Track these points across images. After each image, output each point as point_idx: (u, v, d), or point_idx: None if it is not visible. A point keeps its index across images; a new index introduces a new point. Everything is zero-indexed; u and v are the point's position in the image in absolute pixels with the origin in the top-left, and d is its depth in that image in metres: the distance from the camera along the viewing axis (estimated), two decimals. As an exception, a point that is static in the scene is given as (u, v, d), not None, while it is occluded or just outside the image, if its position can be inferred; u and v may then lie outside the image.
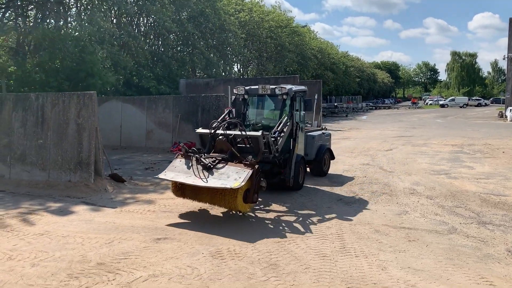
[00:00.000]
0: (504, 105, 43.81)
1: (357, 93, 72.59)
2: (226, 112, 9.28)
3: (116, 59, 23.43)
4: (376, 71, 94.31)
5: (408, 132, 25.05)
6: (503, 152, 15.69)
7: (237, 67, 45.19)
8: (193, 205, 8.28)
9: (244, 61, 43.68)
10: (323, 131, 11.78)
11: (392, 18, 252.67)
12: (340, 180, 10.88)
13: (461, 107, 67.39)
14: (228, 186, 6.88)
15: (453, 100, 72.99)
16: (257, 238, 6.44)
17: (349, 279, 5.03)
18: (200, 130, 8.68)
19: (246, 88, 9.70)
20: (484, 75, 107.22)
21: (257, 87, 9.55)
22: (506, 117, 36.82)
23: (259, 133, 8.01)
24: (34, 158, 10.25)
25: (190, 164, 7.54)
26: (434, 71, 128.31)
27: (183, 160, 7.75)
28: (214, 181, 7.09)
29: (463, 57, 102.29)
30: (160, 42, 30.75)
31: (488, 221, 7.33)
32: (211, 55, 33.79)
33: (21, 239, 6.43)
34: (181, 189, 7.91)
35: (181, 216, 7.74)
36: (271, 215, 7.77)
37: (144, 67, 27.06)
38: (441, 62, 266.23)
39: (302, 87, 10.16)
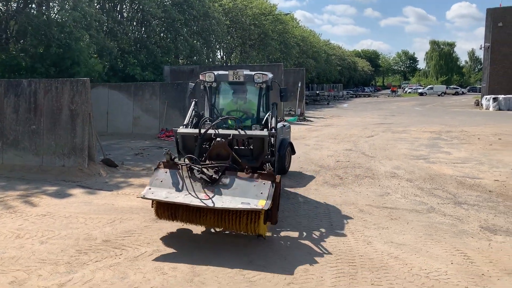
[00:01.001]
0: (480, 93, 45.12)
1: (338, 81, 73.43)
2: (192, 104, 7.67)
3: (102, 45, 23.35)
4: (357, 60, 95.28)
5: (388, 120, 25.77)
6: (478, 138, 16.46)
7: (221, 54, 45.25)
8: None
9: (227, 48, 43.76)
10: (283, 123, 10.24)
11: (372, 6, 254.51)
12: (326, 164, 11.39)
13: (439, 95, 68.90)
14: (252, 206, 5.27)
15: (431, 88, 74.54)
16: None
17: (337, 252, 5.51)
18: (182, 129, 6.98)
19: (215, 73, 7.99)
20: (461, 64, 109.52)
21: (226, 72, 7.92)
22: (481, 105, 38.02)
23: (265, 132, 6.78)
24: (27, 143, 10.42)
25: (182, 176, 5.78)
26: (413, 59, 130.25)
27: (169, 171, 5.88)
28: (229, 199, 5.43)
29: (442, 46, 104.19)
30: (144, 29, 30.63)
31: (463, 201, 7.91)
32: (195, 42, 33.81)
33: (25, 220, 6.72)
34: (170, 209, 5.85)
35: (176, 198, 8.09)
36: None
37: (129, 54, 27.01)
38: (420, 51, 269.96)
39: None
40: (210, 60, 37.28)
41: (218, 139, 6.31)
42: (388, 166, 11.11)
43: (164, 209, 5.89)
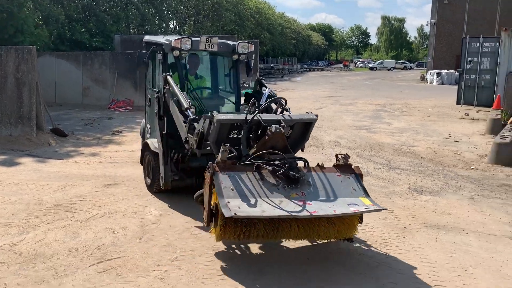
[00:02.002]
0: (426, 68, 47.18)
1: (293, 55, 73.97)
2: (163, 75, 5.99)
3: (47, 12, 22.39)
4: (311, 33, 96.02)
5: (338, 93, 26.63)
6: (418, 110, 17.52)
7: (173, 24, 44.35)
8: (137, 156, 8.78)
9: (180, 19, 42.94)
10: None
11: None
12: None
13: (388, 70, 71.15)
14: (363, 208, 4.40)
15: (381, 63, 76.74)
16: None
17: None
18: (222, 116, 5.00)
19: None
20: (411, 40, 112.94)
21: (198, 39, 6.29)
22: (426, 80, 39.86)
23: (313, 115, 5.32)
24: (-30, 112, 10.14)
25: (251, 179, 4.38)
26: (365, 34, 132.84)
27: (232, 173, 4.34)
28: (329, 203, 4.36)
29: (392, 22, 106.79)
30: (92, -5, 29.55)
31: (397, 167, 8.64)
32: (147, 10, 33.00)
33: (-28, 187, 6.73)
34: (245, 225, 4.24)
35: (127, 166, 8.30)
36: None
37: (77, 22, 26.05)
38: (372, 26, 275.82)
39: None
40: (163, 30, 36.56)
41: (275, 126, 4.68)
42: (333, 136, 11.75)
43: (237, 226, 4.21)
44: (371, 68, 73.82)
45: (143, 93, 16.81)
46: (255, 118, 4.83)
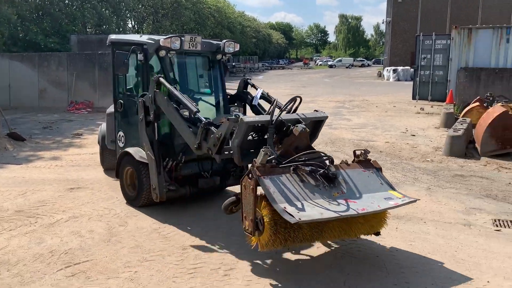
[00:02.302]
0: (382, 65, 48.57)
1: (254, 54, 74.23)
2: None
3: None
4: (271, 32, 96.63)
5: (299, 91, 26.99)
6: (376, 106, 18.09)
7: (132, 24, 43.55)
8: (98, 159, 8.62)
9: (139, 18, 42.21)
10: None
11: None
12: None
13: (347, 67, 72.70)
14: (398, 200, 4.45)
15: (340, 61, 78.32)
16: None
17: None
18: (249, 117, 4.86)
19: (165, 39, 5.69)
20: (367, 38, 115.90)
21: (182, 38, 5.85)
22: (383, 76, 41.08)
23: (324, 114, 5.36)
24: None
25: (293, 181, 4.20)
26: (324, 33, 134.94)
27: (274, 177, 4.12)
28: (369, 199, 4.36)
29: (350, 20, 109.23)
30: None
31: (358, 161, 8.94)
32: (104, 10, 32.23)
33: None
34: (293, 230, 4.09)
35: (90, 169, 8.16)
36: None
37: (30, 22, 25.11)
38: (330, 24, 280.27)
39: None
40: (121, 29, 35.84)
41: (300, 126, 4.62)
42: (296, 133, 11.96)
43: (287, 233, 4.05)
44: (330, 66, 75.20)
45: (103, 95, 16.55)
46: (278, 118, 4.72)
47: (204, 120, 5.04)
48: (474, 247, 4.89)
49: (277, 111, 4.92)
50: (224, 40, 6.35)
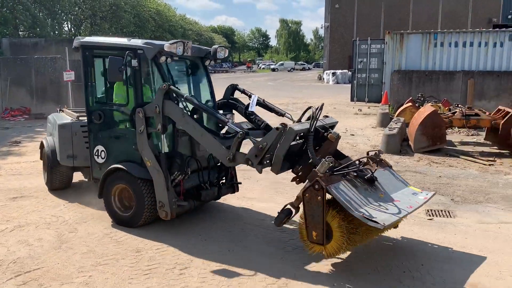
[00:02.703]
0: (322, 69, 50.20)
1: (196, 57, 73.75)
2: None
3: None
4: (214, 35, 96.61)
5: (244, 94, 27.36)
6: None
7: (68, 27, 41.97)
8: (40, 167, 8.37)
9: (76, 20, 40.75)
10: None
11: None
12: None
13: (289, 71, 74.27)
14: (425, 195, 4.83)
15: (282, 64, 79.87)
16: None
17: (197, 209, 6.23)
18: (297, 126, 4.72)
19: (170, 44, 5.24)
20: (307, 42, 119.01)
21: (175, 41, 5.36)
22: (323, 79, 42.50)
23: (334, 119, 5.50)
24: None
25: (350, 186, 4.30)
26: (265, 37, 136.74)
27: (336, 184, 4.16)
28: (406, 197, 4.63)
29: (290, 25, 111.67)
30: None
31: (303, 161, 9.33)
32: (37, 12, 30.85)
33: None
34: (354, 236, 4.31)
35: (32, 177, 7.91)
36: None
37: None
38: (272, 29, 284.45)
39: None
40: (56, 32, 34.47)
41: (333, 132, 4.84)
42: (242, 135, 12.20)
43: (353, 238, 4.28)
44: (273, 70, 76.47)
45: (41, 101, 15.96)
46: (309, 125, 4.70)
47: (240, 130, 4.83)
48: (409, 235, 5.34)
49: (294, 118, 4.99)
50: (216, 46, 6.03)
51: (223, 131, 5.64)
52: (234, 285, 4.12)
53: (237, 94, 6.36)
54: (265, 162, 4.72)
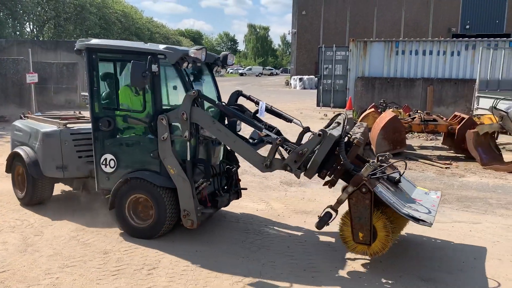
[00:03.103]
0: (290, 74, 50.87)
1: (163, 60, 73.14)
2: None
3: None
4: (181, 39, 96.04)
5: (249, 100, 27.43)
6: (285, 113, 19.11)
7: (30, 28, 40.82)
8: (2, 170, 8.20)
9: (38, 21, 39.69)
10: None
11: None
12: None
13: (257, 75, 74.82)
14: (439, 193, 5.31)
15: (250, 69, 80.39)
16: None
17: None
18: (336, 132, 4.83)
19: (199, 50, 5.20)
20: (275, 47, 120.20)
21: (200, 47, 5.28)
22: (290, 85, 43.11)
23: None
24: None
25: (388, 187, 4.63)
26: (234, 41, 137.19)
27: (376, 188, 4.36)
28: (423, 195, 5.08)
29: (258, 30, 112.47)
30: None
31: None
32: (-2, 12, 29.94)
33: None
34: (392, 234, 4.55)
35: (-5, 181, 7.75)
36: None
37: None
38: (239, 33, 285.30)
39: None
40: (18, 33, 33.49)
41: (359, 136, 4.92)
42: (210, 139, 12.31)
43: (393, 236, 4.59)
44: (241, 74, 76.82)
45: (2, 104, 15.50)
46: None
47: (277, 136, 4.94)
48: (370, 234, 5.60)
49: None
50: (225, 52, 5.94)
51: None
52: (201, 284, 4.25)
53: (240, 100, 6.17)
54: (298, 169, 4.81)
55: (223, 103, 5.40)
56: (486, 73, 15.21)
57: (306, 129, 4.90)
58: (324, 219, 4.59)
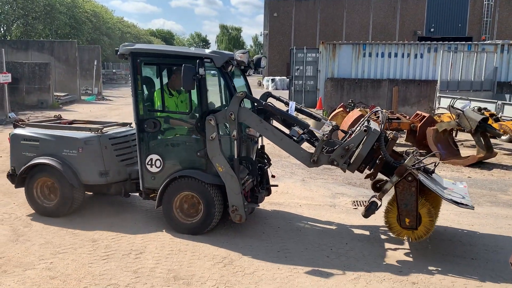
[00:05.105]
0: (262, 75, 51.46)
1: (135, 61, 72.38)
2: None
3: None
4: (152, 39, 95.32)
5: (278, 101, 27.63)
6: (258, 113, 19.61)
7: (-3, 26, 39.87)
8: (-14, 168, 8.38)
9: (6, 20, 38.84)
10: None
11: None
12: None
13: (229, 76, 75.07)
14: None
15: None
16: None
17: (147, 204, 6.67)
18: (378, 127, 5.25)
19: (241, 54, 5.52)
20: (247, 48, 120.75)
21: (245, 51, 5.59)
22: (263, 85, 43.68)
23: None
24: None
25: (424, 179, 4.94)
26: (205, 42, 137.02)
27: (424, 176, 5.00)
28: (451, 183, 5.62)
29: (230, 31, 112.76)
30: None
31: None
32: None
33: None
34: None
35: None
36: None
37: None
38: (211, 34, 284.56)
39: None
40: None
41: (393, 132, 5.28)
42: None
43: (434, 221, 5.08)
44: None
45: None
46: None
47: (320, 132, 5.27)
48: (337, 222, 6.16)
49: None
50: (259, 55, 6.03)
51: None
52: (186, 265, 4.68)
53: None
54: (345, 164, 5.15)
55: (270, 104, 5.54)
56: (446, 75, 16.17)
57: (336, 127, 5.32)
58: (372, 208, 5.01)
